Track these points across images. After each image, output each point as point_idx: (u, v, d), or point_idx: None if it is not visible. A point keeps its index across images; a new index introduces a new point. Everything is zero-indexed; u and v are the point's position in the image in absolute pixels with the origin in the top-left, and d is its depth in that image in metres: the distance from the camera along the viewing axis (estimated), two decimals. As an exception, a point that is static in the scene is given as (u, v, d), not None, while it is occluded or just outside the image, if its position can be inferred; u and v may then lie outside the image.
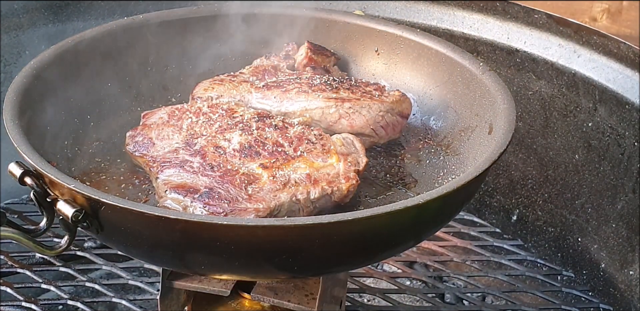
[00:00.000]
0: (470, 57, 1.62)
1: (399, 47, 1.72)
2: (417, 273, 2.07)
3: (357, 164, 1.43)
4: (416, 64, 1.70)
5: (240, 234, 1.20)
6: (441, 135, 1.62)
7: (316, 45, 1.74)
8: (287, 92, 1.57)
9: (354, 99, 1.55)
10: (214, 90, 1.60)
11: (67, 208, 1.26)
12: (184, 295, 1.59)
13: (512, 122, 1.43)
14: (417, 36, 1.71)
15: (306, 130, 1.46)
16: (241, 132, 1.42)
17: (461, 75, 1.61)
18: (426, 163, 1.58)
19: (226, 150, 1.39)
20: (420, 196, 1.25)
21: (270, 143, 1.41)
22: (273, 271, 1.34)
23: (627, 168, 1.87)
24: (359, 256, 1.35)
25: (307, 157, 1.40)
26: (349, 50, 1.77)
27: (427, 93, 1.68)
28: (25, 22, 2.08)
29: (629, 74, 1.87)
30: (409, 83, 1.71)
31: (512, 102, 1.49)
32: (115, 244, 1.39)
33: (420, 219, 1.31)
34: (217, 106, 1.51)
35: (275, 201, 1.33)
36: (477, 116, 1.54)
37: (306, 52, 1.71)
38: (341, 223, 1.19)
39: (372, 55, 1.76)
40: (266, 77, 1.65)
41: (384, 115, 1.56)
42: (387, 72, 1.74)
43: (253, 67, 1.70)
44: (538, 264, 2.08)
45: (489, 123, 1.49)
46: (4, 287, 1.88)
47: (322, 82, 1.60)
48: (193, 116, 1.48)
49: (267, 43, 1.77)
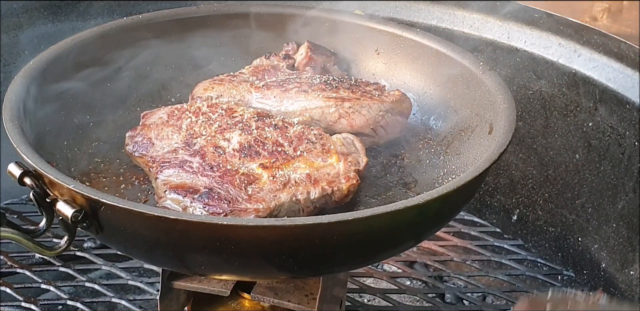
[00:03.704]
0: (470, 56, 1.62)
1: (399, 46, 1.72)
2: (417, 273, 2.07)
3: (358, 164, 1.43)
4: (416, 63, 1.70)
5: (240, 234, 1.20)
6: (441, 135, 1.61)
7: (316, 44, 1.74)
8: (287, 92, 1.56)
9: (354, 99, 1.55)
10: (214, 90, 1.60)
11: (67, 209, 1.25)
12: (184, 295, 1.59)
13: (513, 121, 1.43)
14: (416, 35, 1.70)
15: (306, 129, 1.46)
16: (241, 132, 1.42)
17: (461, 75, 1.60)
18: (426, 163, 1.57)
19: (226, 150, 1.39)
20: (420, 196, 1.24)
21: (270, 143, 1.40)
22: (273, 271, 1.34)
23: (627, 167, 1.86)
24: (359, 257, 1.35)
25: (307, 156, 1.39)
26: (349, 50, 1.77)
27: (428, 93, 1.68)
28: (24, 21, 2.08)
29: (630, 73, 1.87)
30: (409, 83, 1.71)
31: (513, 101, 1.48)
32: (115, 244, 1.39)
33: (420, 219, 1.31)
34: (216, 106, 1.51)
35: (275, 201, 1.32)
36: (478, 116, 1.53)
37: (306, 51, 1.71)
38: (341, 223, 1.19)
39: (372, 55, 1.75)
40: (266, 77, 1.64)
41: (384, 114, 1.56)
42: (387, 72, 1.74)
43: (253, 67, 1.70)
44: (538, 264, 2.08)
45: (489, 123, 1.48)
46: (3, 287, 1.88)
47: (322, 82, 1.60)
48: (192, 116, 1.47)
49: (267, 43, 1.77)
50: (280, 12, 1.77)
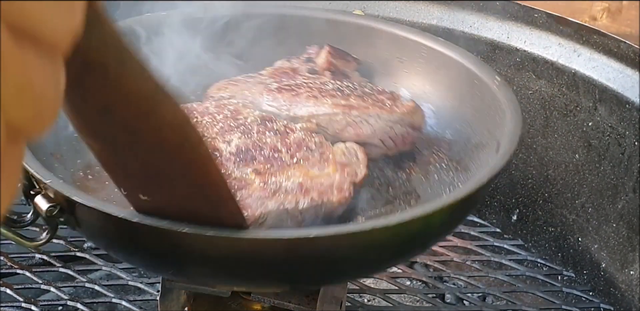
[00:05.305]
0: (488, 69, 1.55)
1: (421, 55, 1.66)
2: (417, 273, 2.07)
3: (355, 175, 1.38)
4: (437, 74, 1.64)
5: (200, 244, 1.15)
6: (454, 149, 1.55)
7: (337, 49, 1.69)
8: (297, 96, 1.52)
9: (362, 107, 1.49)
10: (227, 90, 1.57)
11: (43, 203, 1.23)
12: (184, 295, 1.59)
13: (514, 142, 1.36)
14: (439, 45, 1.64)
15: (307, 136, 1.42)
16: (240, 135, 1.40)
17: (479, 89, 1.54)
18: (434, 178, 1.51)
19: (222, 153, 1.37)
20: (388, 219, 1.18)
21: (267, 148, 1.38)
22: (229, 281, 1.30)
23: (627, 167, 1.86)
24: (328, 274, 1.30)
25: (303, 164, 1.36)
26: (372, 56, 1.71)
27: (447, 106, 1.61)
28: (24, 22, 2.07)
29: (629, 73, 1.87)
30: (429, 94, 1.64)
31: (520, 120, 1.42)
32: (93, 241, 1.34)
33: (388, 244, 1.24)
34: (223, 106, 1.49)
35: (262, 209, 1.28)
36: (489, 132, 1.47)
37: (326, 56, 1.66)
38: (299, 241, 1.14)
39: (394, 63, 1.70)
40: (283, 80, 1.60)
41: (392, 126, 1.49)
42: (408, 81, 1.68)
43: (273, 69, 1.66)
44: (538, 264, 2.08)
45: (497, 140, 1.42)
46: (3, 288, 1.88)
47: (334, 88, 1.54)
48: (199, 116, 1.46)
49: (288, 46, 1.72)
50: (302, 13, 1.72)
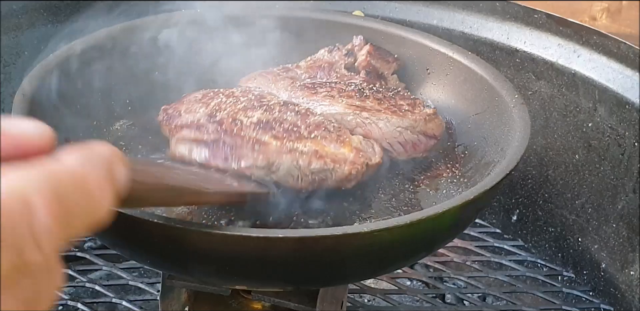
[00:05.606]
0: (509, 86, 1.55)
1: (448, 68, 1.67)
2: (417, 273, 2.07)
3: (370, 159, 1.40)
4: (462, 88, 1.64)
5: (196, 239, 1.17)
6: (468, 165, 1.54)
7: (379, 48, 1.68)
8: (315, 95, 1.53)
9: (374, 110, 1.49)
10: (255, 81, 1.59)
11: None
12: (185, 294, 1.59)
13: (514, 161, 1.37)
14: (466, 59, 1.64)
15: (327, 121, 1.44)
16: (263, 112, 1.42)
17: (498, 106, 1.54)
18: (442, 193, 1.49)
19: (243, 123, 1.40)
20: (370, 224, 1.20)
21: (287, 124, 1.40)
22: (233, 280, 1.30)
23: (627, 168, 1.87)
24: (331, 275, 1.30)
25: (319, 140, 1.38)
26: (401, 66, 1.72)
27: (468, 120, 1.61)
28: (24, 22, 2.07)
29: (629, 73, 1.87)
30: (452, 107, 1.64)
31: (526, 142, 1.42)
32: (100, 239, 1.35)
33: (398, 244, 1.25)
34: (249, 92, 1.52)
35: (277, 159, 1.34)
36: (502, 151, 1.46)
37: (366, 55, 1.66)
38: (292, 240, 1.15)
39: (423, 74, 1.71)
40: (318, 76, 1.62)
41: (402, 131, 1.49)
42: (434, 93, 1.69)
43: (312, 62, 1.67)
44: (538, 264, 2.08)
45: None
46: (3, 288, 1.87)
47: (355, 89, 1.54)
48: (224, 97, 1.48)
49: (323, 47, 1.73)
50: (337, 19, 1.75)
